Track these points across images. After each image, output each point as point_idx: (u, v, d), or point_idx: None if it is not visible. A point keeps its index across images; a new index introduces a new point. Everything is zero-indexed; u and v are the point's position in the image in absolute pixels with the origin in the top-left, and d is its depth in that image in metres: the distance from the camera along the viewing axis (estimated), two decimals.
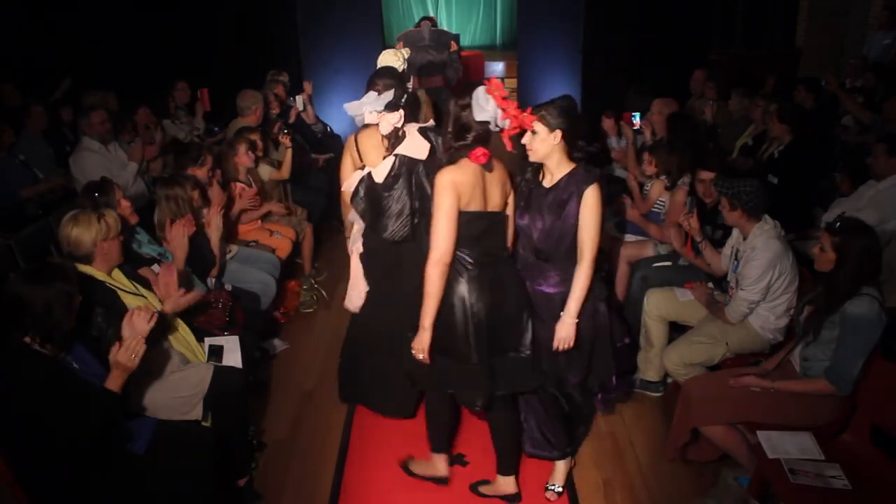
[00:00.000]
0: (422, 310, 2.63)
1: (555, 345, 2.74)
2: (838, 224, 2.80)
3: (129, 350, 2.47)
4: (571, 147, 2.72)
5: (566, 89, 8.54)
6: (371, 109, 2.94)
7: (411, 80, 4.68)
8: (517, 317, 2.74)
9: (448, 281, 2.61)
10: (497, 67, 10.74)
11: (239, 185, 4.66)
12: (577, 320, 2.71)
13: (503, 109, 2.61)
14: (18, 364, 2.39)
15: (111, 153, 4.95)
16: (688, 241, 3.82)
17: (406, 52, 4.31)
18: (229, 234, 4.41)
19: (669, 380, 3.77)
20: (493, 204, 2.70)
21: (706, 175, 3.77)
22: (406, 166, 3.00)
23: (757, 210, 3.27)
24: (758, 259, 3.21)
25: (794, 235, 4.46)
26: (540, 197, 2.74)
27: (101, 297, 2.87)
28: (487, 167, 2.67)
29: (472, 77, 10.52)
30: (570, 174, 2.70)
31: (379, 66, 3.67)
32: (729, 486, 2.98)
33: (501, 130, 2.65)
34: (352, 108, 3.02)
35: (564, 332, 2.72)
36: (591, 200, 2.63)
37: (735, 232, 3.45)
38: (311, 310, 4.86)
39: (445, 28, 10.10)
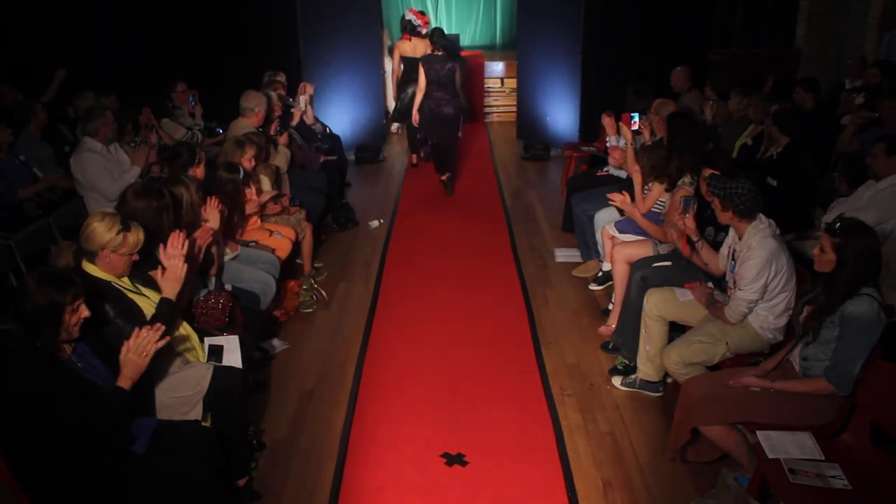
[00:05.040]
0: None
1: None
2: (838, 225, 2.79)
3: (139, 348, 2.52)
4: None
5: (566, 89, 8.56)
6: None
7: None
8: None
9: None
10: (497, 67, 10.74)
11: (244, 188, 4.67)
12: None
13: (418, 18, 7.96)
14: (30, 367, 2.38)
15: (112, 154, 4.94)
16: (684, 239, 3.83)
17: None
18: (231, 236, 4.41)
19: (669, 380, 3.77)
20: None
21: (710, 172, 3.77)
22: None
23: (748, 212, 3.27)
24: (754, 258, 3.22)
25: (794, 236, 4.47)
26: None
27: (109, 296, 2.88)
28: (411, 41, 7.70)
29: (471, 76, 10.55)
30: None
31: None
32: (729, 486, 2.98)
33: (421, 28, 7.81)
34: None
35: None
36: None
37: (731, 231, 3.46)
38: (310, 310, 4.86)
39: (444, 27, 10.75)
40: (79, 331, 2.51)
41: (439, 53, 6.77)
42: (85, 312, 2.50)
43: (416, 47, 7.69)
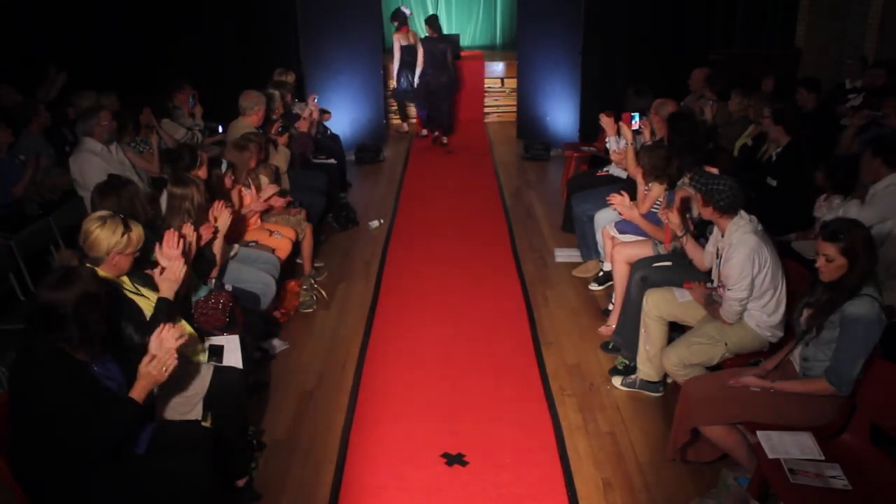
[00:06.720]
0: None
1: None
2: (833, 229, 2.73)
3: (160, 363, 2.53)
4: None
5: (566, 89, 8.56)
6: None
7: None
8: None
9: None
10: (497, 67, 10.73)
11: (242, 189, 4.67)
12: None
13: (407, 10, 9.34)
14: (52, 370, 2.37)
15: (112, 154, 4.94)
16: (667, 233, 3.84)
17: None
18: (236, 236, 4.41)
19: (669, 380, 3.77)
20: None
21: (712, 171, 3.78)
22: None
23: (729, 208, 3.29)
24: (736, 256, 3.24)
25: (795, 236, 4.47)
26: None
27: (119, 296, 2.88)
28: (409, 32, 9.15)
29: (471, 76, 10.57)
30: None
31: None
32: (729, 486, 2.98)
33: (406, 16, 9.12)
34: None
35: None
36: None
37: (716, 230, 3.48)
38: (310, 310, 4.86)
39: (444, 27, 10.79)
40: (104, 326, 2.49)
41: (434, 36, 8.77)
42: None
43: (409, 37, 9.14)
